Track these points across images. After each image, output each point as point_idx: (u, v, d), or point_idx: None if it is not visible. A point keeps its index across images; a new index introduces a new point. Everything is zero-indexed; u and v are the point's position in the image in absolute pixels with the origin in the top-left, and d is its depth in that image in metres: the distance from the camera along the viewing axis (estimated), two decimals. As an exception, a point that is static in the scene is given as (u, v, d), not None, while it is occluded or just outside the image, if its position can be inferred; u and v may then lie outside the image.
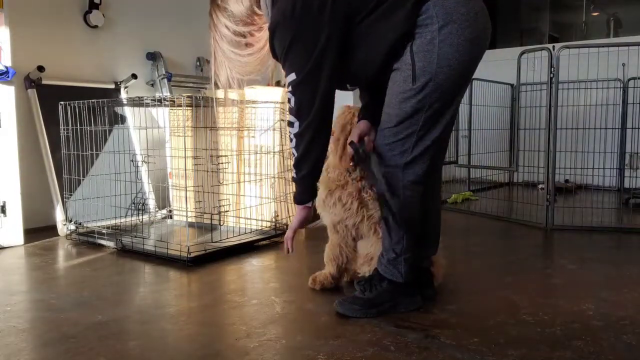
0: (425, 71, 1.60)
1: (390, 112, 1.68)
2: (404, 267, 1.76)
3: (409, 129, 1.66)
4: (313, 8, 1.58)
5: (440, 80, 1.60)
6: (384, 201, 1.73)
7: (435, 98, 1.62)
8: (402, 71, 1.64)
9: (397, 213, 1.72)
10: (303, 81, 1.62)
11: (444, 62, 1.59)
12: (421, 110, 1.63)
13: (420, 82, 1.61)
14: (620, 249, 2.73)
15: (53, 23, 3.36)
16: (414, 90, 1.62)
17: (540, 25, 6.29)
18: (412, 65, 1.60)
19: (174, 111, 3.34)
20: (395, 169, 1.69)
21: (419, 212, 1.74)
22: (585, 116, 4.21)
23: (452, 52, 1.58)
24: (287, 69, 1.64)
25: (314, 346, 1.53)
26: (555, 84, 3.18)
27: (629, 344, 1.53)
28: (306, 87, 1.63)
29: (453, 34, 1.57)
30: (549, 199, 3.20)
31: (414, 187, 1.70)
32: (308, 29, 1.59)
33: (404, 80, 1.63)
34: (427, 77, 1.60)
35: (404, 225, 1.73)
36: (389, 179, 1.70)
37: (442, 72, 1.59)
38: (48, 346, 1.55)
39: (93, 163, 3.11)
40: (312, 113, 1.63)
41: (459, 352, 1.48)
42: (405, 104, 1.64)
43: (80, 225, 2.96)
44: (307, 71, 1.61)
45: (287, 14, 1.58)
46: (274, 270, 2.36)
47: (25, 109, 3.14)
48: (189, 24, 4.13)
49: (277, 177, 3.10)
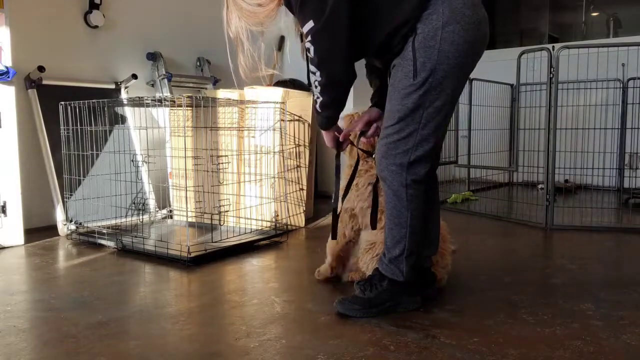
0: (425, 67, 1.61)
1: (392, 109, 1.69)
2: (405, 266, 1.77)
3: (411, 126, 1.67)
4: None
5: (439, 77, 1.62)
6: (386, 199, 1.75)
7: (436, 95, 1.64)
8: (403, 67, 1.65)
9: (400, 211, 1.73)
10: (323, 28, 1.58)
11: (443, 60, 1.60)
12: (422, 106, 1.64)
13: (420, 78, 1.62)
14: (620, 249, 2.73)
15: (53, 23, 3.36)
16: (415, 86, 1.63)
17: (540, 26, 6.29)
18: (413, 61, 1.62)
19: (174, 111, 3.34)
20: (399, 167, 1.70)
21: (421, 211, 1.75)
22: (585, 116, 4.22)
23: (452, 50, 1.60)
24: (305, 17, 1.60)
25: (314, 346, 1.53)
26: (555, 84, 3.18)
27: (629, 344, 1.53)
28: (325, 34, 1.59)
29: (455, 33, 1.59)
30: (549, 198, 3.21)
31: (416, 185, 1.71)
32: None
33: (405, 75, 1.64)
34: (427, 73, 1.61)
35: (407, 224, 1.74)
36: (390, 177, 1.71)
37: (442, 69, 1.61)
38: (48, 346, 1.55)
39: (93, 163, 3.11)
40: (334, 63, 1.62)
41: (459, 352, 1.48)
42: (406, 100, 1.65)
43: (80, 225, 2.96)
44: (326, 17, 1.57)
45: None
46: (274, 270, 2.37)
47: (26, 109, 3.14)
48: (189, 24, 4.13)
49: (277, 177, 3.10)
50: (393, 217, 1.75)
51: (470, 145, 4.36)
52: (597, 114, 4.12)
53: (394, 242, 1.77)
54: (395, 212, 1.74)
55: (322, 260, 2.17)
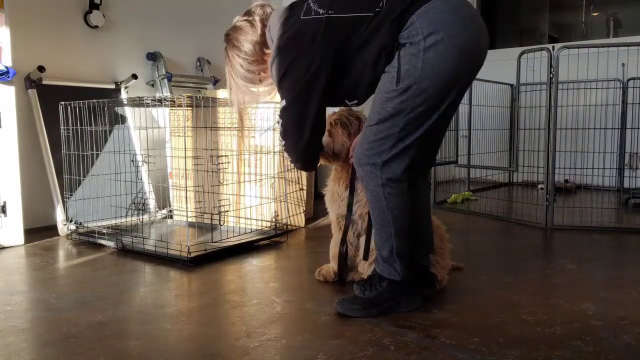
0: (409, 74, 1.63)
1: (374, 111, 1.72)
2: (400, 265, 1.77)
3: (390, 129, 1.68)
4: (306, 39, 1.70)
5: (424, 86, 1.63)
6: (367, 200, 1.78)
7: (419, 102, 1.65)
8: (389, 73, 1.68)
9: (381, 211, 1.74)
10: (289, 107, 1.76)
11: (428, 69, 1.61)
12: (403, 112, 1.66)
13: (403, 84, 1.64)
14: (620, 249, 2.73)
15: (53, 23, 3.36)
16: (397, 92, 1.65)
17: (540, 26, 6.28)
18: (397, 68, 1.64)
19: (174, 111, 3.34)
20: (372, 167, 1.71)
21: (404, 209, 1.75)
22: (585, 116, 4.21)
23: (437, 58, 1.61)
24: (280, 94, 1.79)
25: (314, 346, 1.53)
26: (554, 84, 3.18)
27: (629, 344, 1.53)
28: (291, 114, 1.77)
29: (439, 41, 1.60)
30: (549, 198, 3.21)
31: (393, 184, 1.72)
32: (300, 58, 1.71)
33: (389, 80, 1.67)
34: (411, 81, 1.63)
35: (389, 223, 1.74)
36: (366, 177, 1.73)
37: (427, 77, 1.62)
38: (48, 346, 1.55)
39: (93, 163, 3.11)
40: (298, 138, 1.79)
41: (459, 352, 1.48)
42: (387, 104, 1.67)
43: (80, 225, 2.96)
44: (294, 98, 1.74)
45: (282, 43, 1.73)
46: (274, 270, 2.37)
47: (26, 109, 3.14)
48: (189, 24, 4.13)
49: (277, 177, 3.10)
50: (375, 217, 1.78)
51: (470, 145, 4.36)
52: (597, 114, 4.12)
53: (381, 242, 1.79)
54: (377, 212, 1.76)
55: (323, 260, 2.17)
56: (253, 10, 1.90)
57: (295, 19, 1.73)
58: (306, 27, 1.71)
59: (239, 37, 1.88)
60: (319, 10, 1.71)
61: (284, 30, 1.74)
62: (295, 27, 1.72)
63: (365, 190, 1.78)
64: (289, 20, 1.75)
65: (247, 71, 1.90)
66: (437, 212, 3.83)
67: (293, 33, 1.72)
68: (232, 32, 1.91)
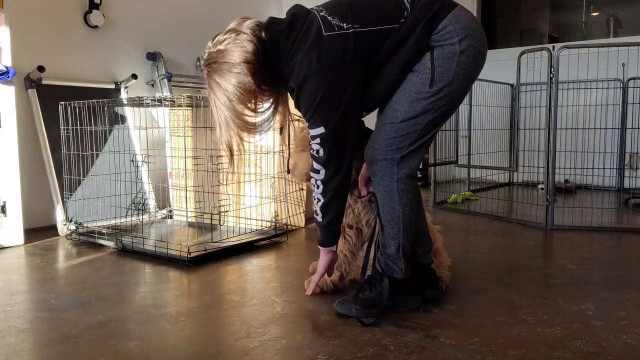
0: (443, 77, 1.66)
1: (399, 109, 1.70)
2: (403, 263, 1.78)
3: (412, 127, 1.70)
4: (336, 60, 1.60)
5: (454, 87, 1.68)
6: (377, 196, 1.77)
7: (446, 102, 1.69)
8: (420, 73, 1.68)
9: (392, 207, 1.74)
10: (331, 134, 1.65)
11: (460, 71, 1.66)
12: (429, 112, 1.69)
13: (437, 87, 1.66)
14: (620, 249, 2.73)
15: (53, 23, 3.36)
16: (429, 93, 1.67)
17: (540, 26, 6.28)
18: (431, 70, 1.66)
19: (174, 111, 3.34)
20: (389, 162, 1.72)
21: (413, 206, 1.77)
22: (585, 116, 4.22)
23: (468, 62, 1.67)
24: (315, 122, 1.66)
25: (314, 346, 1.53)
26: (555, 84, 3.18)
27: (629, 344, 1.53)
28: (336, 139, 1.67)
29: (470, 46, 1.66)
30: (549, 199, 3.20)
31: (407, 180, 1.74)
32: (335, 81, 1.62)
33: (421, 82, 1.68)
34: (444, 83, 1.66)
35: (399, 220, 1.75)
36: (380, 173, 1.73)
37: (457, 80, 1.67)
38: (48, 346, 1.55)
39: (93, 163, 3.11)
40: (341, 163, 1.70)
41: (459, 352, 1.48)
42: (417, 104, 1.68)
43: (80, 225, 2.96)
44: (335, 124, 1.65)
45: (313, 67, 1.60)
46: (274, 270, 2.36)
47: (26, 109, 3.14)
48: (189, 24, 4.13)
49: (277, 177, 3.10)
50: (385, 214, 1.77)
51: (470, 145, 4.36)
52: (597, 114, 4.12)
53: (389, 239, 1.78)
54: (387, 208, 1.76)
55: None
56: (236, 27, 1.64)
57: (316, 36, 1.60)
58: (333, 46, 1.59)
59: (226, 62, 1.62)
60: (342, 25, 1.61)
61: (306, 50, 1.60)
62: (319, 47, 1.59)
63: (376, 187, 1.77)
64: (306, 38, 1.61)
65: (238, 99, 1.65)
66: (437, 212, 3.83)
67: (319, 54, 1.59)
68: (215, 55, 1.64)
